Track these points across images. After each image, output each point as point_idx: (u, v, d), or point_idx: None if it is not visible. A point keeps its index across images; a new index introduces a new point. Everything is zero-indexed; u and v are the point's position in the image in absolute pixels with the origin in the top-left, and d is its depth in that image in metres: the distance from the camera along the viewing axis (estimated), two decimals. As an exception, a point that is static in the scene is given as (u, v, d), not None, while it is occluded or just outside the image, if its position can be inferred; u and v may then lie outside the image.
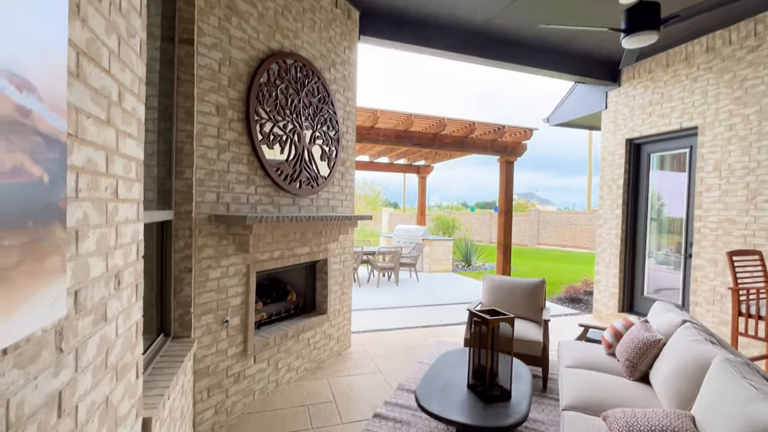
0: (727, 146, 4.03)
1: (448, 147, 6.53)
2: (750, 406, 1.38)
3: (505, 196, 6.93)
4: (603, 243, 5.52)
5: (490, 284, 4.02)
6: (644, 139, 5.03)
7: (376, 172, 23.02)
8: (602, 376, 2.47)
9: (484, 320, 2.23)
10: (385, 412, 2.77)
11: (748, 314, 3.22)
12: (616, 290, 5.27)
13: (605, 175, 5.50)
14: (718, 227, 4.09)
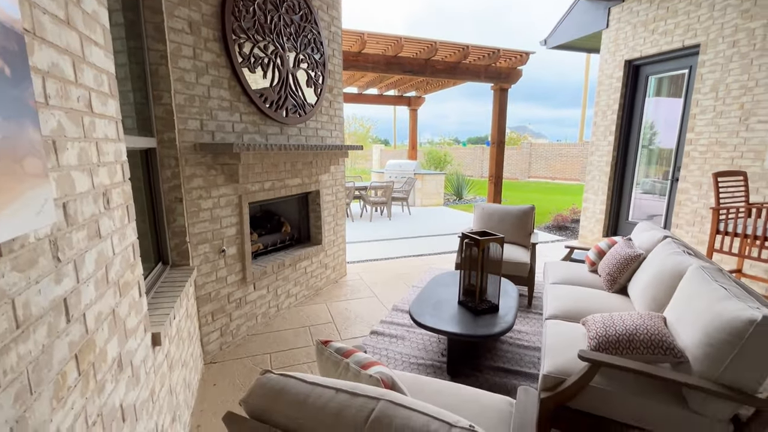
0: (728, 64, 3.90)
1: (441, 74, 6.21)
2: (719, 304, 1.49)
3: (498, 127, 6.79)
4: (593, 171, 5.56)
5: (482, 212, 4.10)
6: (644, 60, 4.82)
7: (365, 107, 21.78)
8: (583, 290, 2.64)
9: (476, 240, 2.30)
10: (381, 329, 2.97)
11: (725, 232, 3.37)
12: (603, 216, 5.43)
13: (600, 101, 5.36)
14: (708, 150, 4.11)
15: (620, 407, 1.57)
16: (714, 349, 1.41)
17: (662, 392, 1.54)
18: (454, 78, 6.41)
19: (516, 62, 6.55)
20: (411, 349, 2.67)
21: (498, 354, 2.60)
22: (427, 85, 9.11)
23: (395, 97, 10.51)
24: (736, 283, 1.74)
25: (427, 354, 2.61)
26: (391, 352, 2.64)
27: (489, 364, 2.47)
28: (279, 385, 0.97)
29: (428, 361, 2.51)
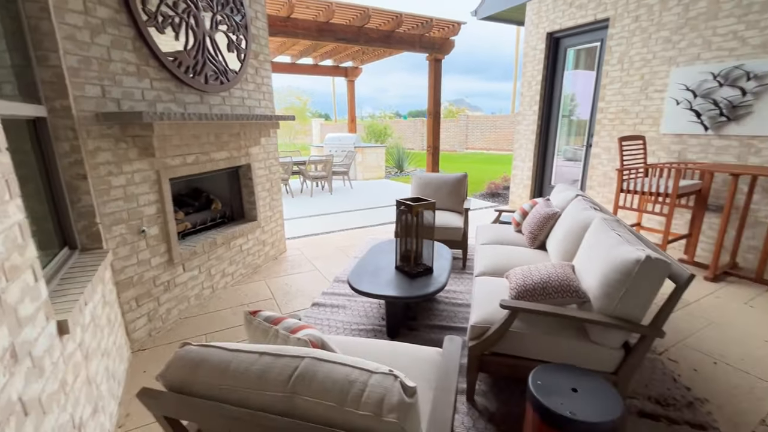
0: (632, 38, 4.28)
1: (375, 43, 6.09)
2: (614, 249, 1.69)
3: (434, 98, 6.89)
4: (520, 140, 5.91)
5: (419, 181, 4.20)
6: (563, 32, 5.13)
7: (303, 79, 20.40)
8: (509, 248, 2.85)
9: (409, 206, 2.36)
10: (323, 300, 2.98)
11: (627, 190, 3.80)
12: (529, 182, 5.84)
13: (526, 72, 5.64)
14: (615, 117, 4.54)
15: (536, 346, 1.75)
16: (609, 288, 1.61)
17: (569, 329, 1.74)
18: (389, 47, 6.33)
19: (449, 32, 6.62)
20: (352, 316, 2.73)
21: (435, 313, 2.75)
22: (364, 55, 8.91)
23: (332, 68, 10.17)
24: (630, 231, 1.99)
25: (368, 320, 2.68)
26: (332, 321, 2.67)
27: (426, 323, 2.61)
28: (199, 356, 0.94)
29: (369, 326, 2.59)
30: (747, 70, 3.41)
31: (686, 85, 3.82)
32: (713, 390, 1.96)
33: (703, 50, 3.70)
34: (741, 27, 3.44)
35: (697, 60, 3.76)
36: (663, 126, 4.06)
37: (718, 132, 3.66)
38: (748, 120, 3.46)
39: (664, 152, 4.11)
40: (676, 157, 4.02)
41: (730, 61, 3.53)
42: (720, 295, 3.01)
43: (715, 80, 3.61)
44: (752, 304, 2.84)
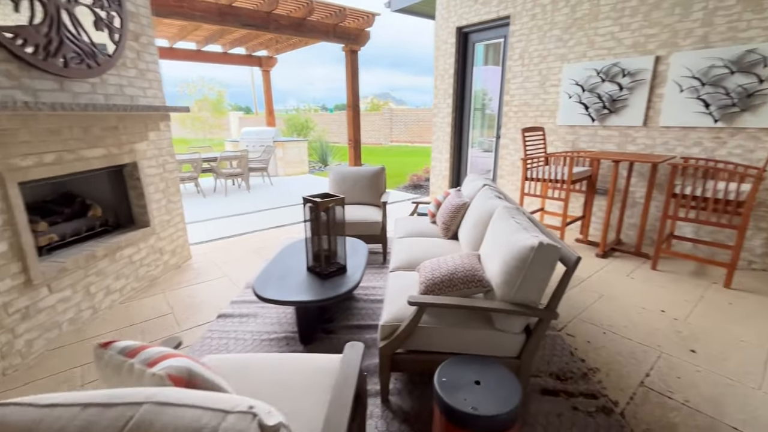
0: (530, 35, 4.57)
1: (286, 30, 5.76)
2: (513, 236, 1.73)
3: (352, 89, 6.77)
4: (438, 132, 6.06)
5: (336, 176, 4.05)
6: (471, 27, 5.32)
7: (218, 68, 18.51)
8: (425, 240, 2.85)
9: (316, 203, 2.21)
10: (231, 310, 2.71)
11: (531, 178, 4.07)
12: (448, 173, 6.03)
13: (439, 65, 5.77)
14: (519, 110, 4.84)
15: (446, 339, 1.74)
16: (509, 275, 1.65)
17: (476, 319, 1.75)
18: (302, 36, 6.04)
19: (363, 23, 6.52)
20: (263, 325, 2.51)
21: (353, 312, 2.65)
22: (278, 44, 8.44)
23: (244, 57, 9.48)
24: (528, 218, 2.08)
25: (281, 327, 2.49)
26: (240, 333, 2.43)
27: (344, 324, 2.50)
28: (-6, 420, 0.71)
29: (282, 334, 2.41)
30: (623, 67, 3.83)
31: (576, 80, 4.18)
32: (603, 359, 2.14)
33: (589, 49, 4.07)
34: (616, 29, 3.84)
35: (583, 57, 4.13)
36: (559, 118, 4.42)
37: (603, 123, 4.07)
38: (625, 112, 3.89)
39: (561, 142, 4.48)
40: (571, 147, 4.40)
41: (609, 59, 3.93)
42: (608, 269, 3.36)
43: (598, 76, 4.00)
44: (633, 276, 3.21)
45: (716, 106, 3.31)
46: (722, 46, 3.24)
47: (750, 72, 3.12)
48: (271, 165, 9.23)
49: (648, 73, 3.67)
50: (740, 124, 3.22)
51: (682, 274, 3.23)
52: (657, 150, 3.74)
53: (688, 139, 3.53)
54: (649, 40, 3.64)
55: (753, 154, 3.22)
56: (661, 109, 3.64)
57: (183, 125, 15.98)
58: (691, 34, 3.40)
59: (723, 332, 2.38)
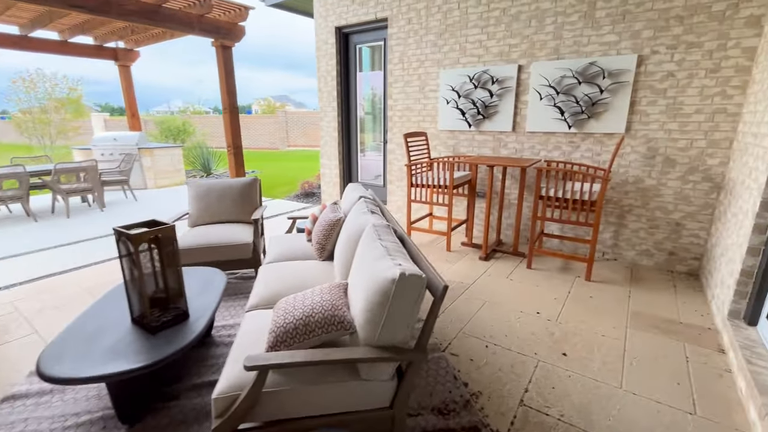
0: (407, 39, 4.51)
1: (133, 17, 4.81)
2: (376, 264, 1.46)
3: (227, 89, 6.03)
4: (325, 136, 5.72)
5: (197, 190, 3.42)
6: (350, 28, 5.10)
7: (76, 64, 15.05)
8: (297, 264, 2.47)
9: (129, 237, 1.67)
10: (26, 388, 1.97)
11: (416, 184, 3.98)
12: (338, 180, 5.73)
13: (321, 66, 5.44)
14: (403, 115, 4.77)
15: (303, 402, 1.39)
16: (372, 313, 1.37)
17: (337, 371, 1.44)
18: (157, 25, 5.13)
19: (235, 16, 5.84)
20: (72, 404, 1.85)
21: (207, 364, 2.14)
22: (134, 34, 7.17)
23: (93, 48, 7.87)
24: (399, 237, 1.85)
25: (99, 403, 1.86)
26: (31, 422, 1.74)
27: (193, 383, 1.98)
28: None
29: (98, 413, 1.79)
30: (492, 74, 3.97)
31: (452, 86, 4.24)
32: (486, 378, 2.03)
33: (461, 55, 4.15)
34: (484, 37, 3.97)
35: (457, 64, 4.20)
36: (440, 123, 4.45)
37: (479, 128, 4.19)
38: (496, 118, 4.04)
39: (444, 147, 4.52)
40: (452, 151, 4.47)
41: (480, 66, 4.05)
42: (491, 272, 3.40)
43: (471, 82, 4.10)
44: (512, 278, 3.29)
45: (569, 113, 3.60)
46: (570, 58, 3.53)
47: (593, 83, 3.44)
48: (136, 176, 7.86)
49: (513, 81, 3.85)
50: (588, 129, 3.55)
51: (553, 271, 3.43)
52: (525, 154, 3.96)
53: (550, 144, 3.80)
54: (512, 49, 3.83)
55: (600, 157, 3.57)
56: (527, 116, 3.85)
57: (19, 129, 12.82)
58: (545, 45, 3.64)
59: (587, 328, 2.50)
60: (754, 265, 2.24)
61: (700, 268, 3.29)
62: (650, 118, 3.28)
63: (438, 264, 3.59)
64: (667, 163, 3.27)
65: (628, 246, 3.59)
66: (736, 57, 2.89)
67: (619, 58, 3.29)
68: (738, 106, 2.94)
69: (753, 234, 2.21)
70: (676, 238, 3.36)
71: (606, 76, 3.36)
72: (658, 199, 3.37)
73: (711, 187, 3.15)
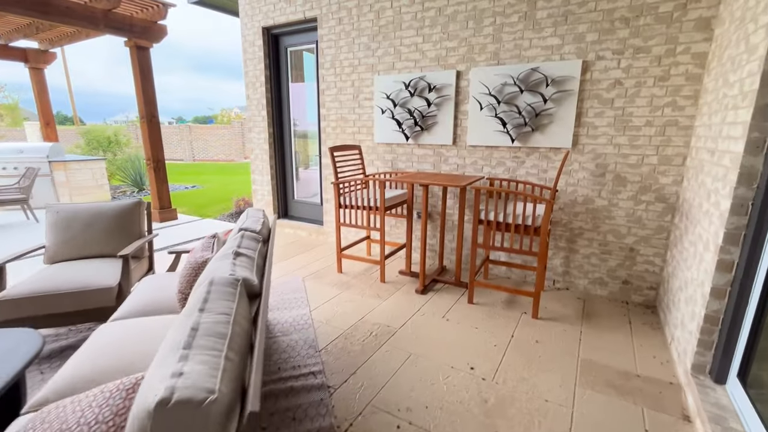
0: (339, 41, 4.02)
1: (15, 9, 4.04)
2: (161, 361, 0.88)
3: (144, 96, 5.30)
4: (255, 149, 5.10)
5: (56, 217, 2.71)
6: (279, 29, 4.56)
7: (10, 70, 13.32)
8: (153, 322, 1.84)
9: None
10: None
11: (345, 205, 3.43)
12: (271, 198, 5.10)
13: (249, 71, 4.85)
14: (337, 126, 4.25)
15: None
16: (130, 463, 0.78)
17: None
18: (49, 19, 4.36)
19: (153, 14, 5.16)
20: None
21: (-14, 483, 1.45)
22: (40, 32, 6.30)
23: (-5, 47, 6.89)
24: (229, 308, 1.28)
25: None
26: None
27: None
28: None
29: None
30: (428, 81, 3.52)
31: (386, 93, 3.77)
32: (386, 485, 1.47)
33: (396, 59, 3.69)
34: (419, 40, 3.53)
35: (392, 69, 3.74)
36: (376, 135, 3.95)
37: (417, 141, 3.73)
38: (436, 130, 3.59)
39: (381, 162, 4.02)
40: (390, 167, 3.97)
41: (416, 72, 3.60)
42: (425, 310, 2.89)
43: (407, 90, 3.64)
44: (448, 317, 2.79)
45: (512, 125, 3.20)
46: (511, 64, 3.14)
47: (535, 91, 3.06)
48: (47, 193, 6.86)
49: (452, 88, 3.43)
50: (533, 143, 3.15)
51: (497, 306, 2.96)
52: (468, 170, 3.52)
53: (493, 159, 3.38)
54: (449, 53, 3.41)
55: (547, 174, 3.18)
56: (468, 128, 3.43)
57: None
58: (484, 49, 3.24)
59: (529, 390, 2.01)
60: (720, 310, 1.84)
61: (657, 300, 2.92)
62: (598, 131, 2.92)
63: (367, 300, 3.04)
64: (618, 181, 2.91)
65: (580, 273, 3.20)
66: (686, 63, 2.57)
67: (562, 64, 2.92)
68: (690, 119, 2.62)
69: (717, 272, 1.81)
70: (630, 265, 2.99)
71: (549, 84, 2.99)
72: (610, 222, 3.00)
73: (665, 209, 2.80)
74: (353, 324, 2.68)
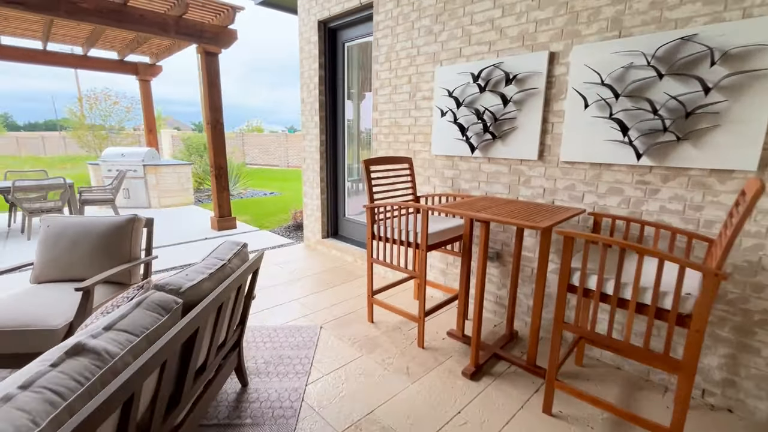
0: (396, 28, 3.23)
1: (92, 18, 4.17)
2: None
3: (210, 102, 5.21)
4: (308, 159, 4.57)
5: (47, 232, 2.40)
6: (336, 21, 3.95)
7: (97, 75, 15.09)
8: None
9: None
10: None
11: (380, 237, 2.59)
12: (320, 213, 4.51)
13: (304, 71, 4.35)
14: (390, 132, 3.44)
15: None
16: None
17: None
18: (123, 27, 4.45)
19: (224, 19, 5.05)
20: None
21: None
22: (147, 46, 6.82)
23: (114, 62, 7.75)
24: None
25: None
26: None
27: None
28: None
29: None
30: (506, 69, 2.50)
31: (449, 89, 2.83)
32: None
33: (464, 43, 2.75)
34: (497, 13, 2.53)
35: (458, 57, 2.80)
36: (434, 145, 3.04)
37: (486, 154, 2.71)
38: (513, 138, 2.54)
39: (439, 179, 3.09)
40: (450, 186, 3.01)
41: (489, 58, 2.60)
42: (470, 415, 1.87)
43: (475, 83, 2.66)
44: (509, 430, 1.73)
45: (638, 130, 2.01)
46: (643, 33, 1.96)
47: (688, 75, 1.83)
48: (141, 195, 7.42)
49: (541, 78, 2.35)
50: (676, 161, 1.91)
51: (596, 425, 1.79)
52: (559, 198, 2.39)
53: (603, 183, 2.20)
54: (540, 28, 2.35)
55: (701, 214, 1.90)
56: (562, 135, 2.31)
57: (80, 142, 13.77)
58: (597, 15, 2.12)
59: None
60: None
61: None
62: (821, 142, 1.58)
63: (390, 378, 2.14)
64: None
65: (756, 388, 1.83)
66: None
67: (752, 26, 1.66)
68: None
69: None
70: None
71: (718, 60, 1.74)
72: (838, 311, 1.60)
73: None
74: (356, 421, 1.81)
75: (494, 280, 2.80)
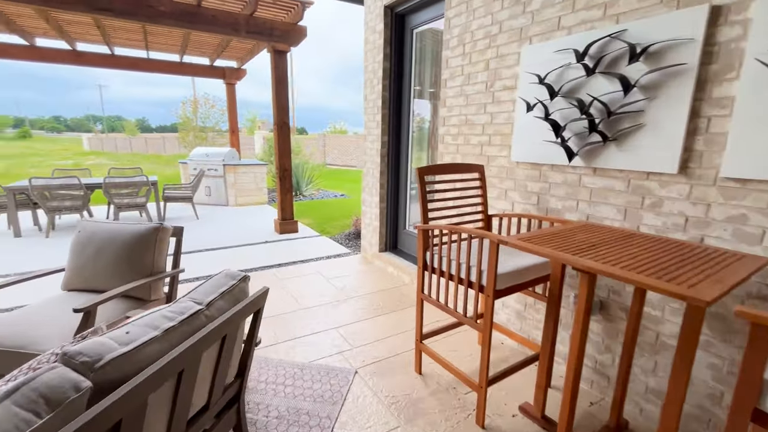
0: (472, 2, 2.58)
1: (168, 20, 4.24)
2: None
3: (278, 103, 5.07)
4: (368, 162, 4.12)
5: (78, 237, 2.28)
6: (404, 5, 3.42)
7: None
8: None
9: None
10: None
11: (432, 268, 1.99)
12: (378, 224, 4.03)
13: (368, 65, 3.90)
14: (459, 133, 2.80)
15: None
16: None
17: None
18: (196, 28, 4.48)
19: (294, 15, 4.86)
20: None
21: None
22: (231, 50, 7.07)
23: (205, 67, 8.25)
24: None
25: None
26: None
27: None
28: None
29: None
30: (631, 41, 1.71)
31: (540, 75, 2.10)
32: None
33: (566, 10, 2.00)
34: (620, -41, 1.76)
35: (556, 30, 2.06)
36: (515, 149, 2.33)
37: (591, 162, 1.93)
38: (636, 139, 1.74)
39: (520, 194, 2.37)
40: (535, 205, 2.28)
41: (606, 26, 1.83)
42: None
43: (580, 62, 1.90)
44: None
45: None
46: None
47: None
48: (221, 193, 7.76)
49: (693, 48, 1.53)
50: None
51: None
52: (714, 232, 1.54)
53: (805, 216, 1.32)
54: (694, -29, 1.53)
55: None
56: (727, 135, 1.47)
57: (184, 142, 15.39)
58: (814, -66, 1.25)
59: None
60: None
61: None
62: None
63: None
64: None
65: None
66: None
67: None
68: None
69: None
70: None
71: None
72: None
73: None
74: None
75: (594, 338, 2.01)
